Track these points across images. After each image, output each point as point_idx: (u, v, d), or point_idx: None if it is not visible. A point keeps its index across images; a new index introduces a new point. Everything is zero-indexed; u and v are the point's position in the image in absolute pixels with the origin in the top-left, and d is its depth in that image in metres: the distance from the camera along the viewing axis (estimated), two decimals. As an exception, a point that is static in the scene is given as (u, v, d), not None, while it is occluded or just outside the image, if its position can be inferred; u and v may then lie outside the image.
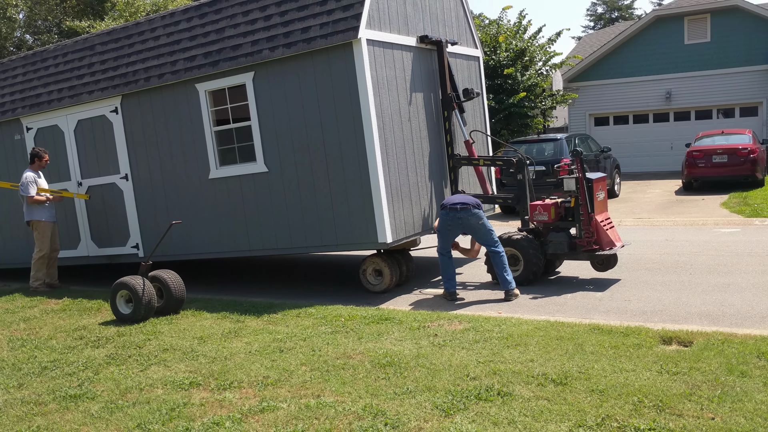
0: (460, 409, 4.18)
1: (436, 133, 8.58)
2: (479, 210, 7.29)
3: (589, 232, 7.54)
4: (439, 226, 7.41)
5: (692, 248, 9.38)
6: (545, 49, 20.29)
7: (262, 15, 7.91)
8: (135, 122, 8.99)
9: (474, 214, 7.23)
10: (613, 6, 56.22)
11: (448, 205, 7.29)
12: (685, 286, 7.28)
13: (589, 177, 7.59)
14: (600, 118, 23.54)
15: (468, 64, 9.63)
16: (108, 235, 9.56)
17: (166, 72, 8.54)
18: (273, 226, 8.11)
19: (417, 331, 5.97)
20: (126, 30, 9.27)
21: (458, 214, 7.23)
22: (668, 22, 21.94)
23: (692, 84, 21.72)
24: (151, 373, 5.32)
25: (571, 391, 4.33)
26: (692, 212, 13.23)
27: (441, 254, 7.43)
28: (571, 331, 5.64)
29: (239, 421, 4.24)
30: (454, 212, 7.24)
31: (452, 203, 7.29)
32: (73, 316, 7.58)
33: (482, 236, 7.36)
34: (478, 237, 7.42)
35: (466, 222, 7.26)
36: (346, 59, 7.30)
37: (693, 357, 4.82)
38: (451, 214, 7.26)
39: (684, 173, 16.81)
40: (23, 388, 5.23)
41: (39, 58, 10.24)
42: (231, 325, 6.66)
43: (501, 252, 7.34)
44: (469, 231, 7.38)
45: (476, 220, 7.25)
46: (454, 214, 7.24)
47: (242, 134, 8.21)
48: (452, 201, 7.33)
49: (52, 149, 9.76)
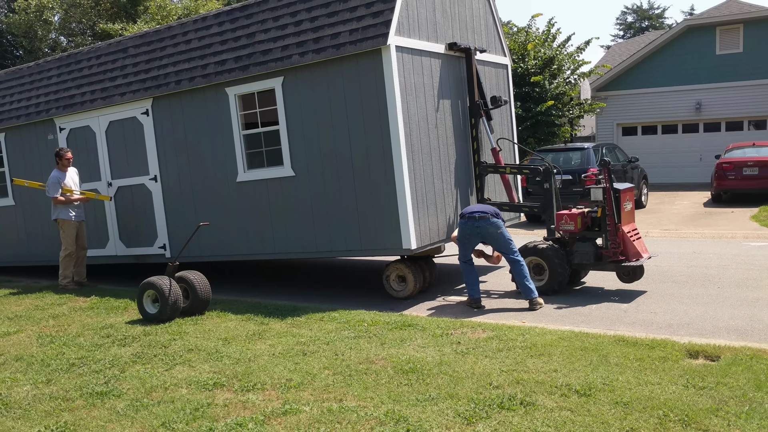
0: (483, 418, 4.16)
1: (463, 141, 8.58)
2: (498, 219, 7.28)
3: (615, 242, 7.48)
4: (459, 235, 7.42)
5: (721, 261, 9.24)
6: (574, 58, 20.16)
7: (292, 20, 7.99)
8: (165, 124, 9.13)
9: (492, 223, 7.22)
10: (643, 15, 55.74)
11: (467, 214, 7.30)
12: (713, 299, 7.17)
13: (617, 187, 7.52)
14: (628, 128, 23.32)
15: (496, 72, 9.62)
16: (136, 235, 9.70)
17: (197, 75, 8.66)
18: (298, 230, 8.16)
19: (440, 338, 5.96)
20: (158, 33, 9.42)
21: (476, 223, 7.22)
22: (700, 32, 21.68)
23: (723, 95, 21.42)
24: (176, 373, 5.38)
25: (594, 403, 4.30)
26: (721, 225, 13.03)
27: (462, 262, 7.44)
28: (596, 342, 5.59)
29: (262, 423, 4.27)
30: (472, 221, 7.24)
31: (470, 212, 7.29)
32: (100, 315, 7.69)
33: (501, 245, 7.34)
34: (497, 246, 7.40)
35: (484, 231, 7.25)
36: (375, 65, 7.33)
37: (720, 372, 4.75)
38: (469, 223, 7.26)
39: (713, 185, 16.57)
40: (51, 383, 5.33)
41: (73, 59, 10.43)
42: (255, 327, 6.71)
43: (521, 261, 7.33)
44: (488, 240, 7.36)
45: (494, 229, 7.24)
46: (472, 223, 7.24)
47: (270, 138, 8.28)
48: (470, 210, 7.34)
49: (84, 150, 9.95)
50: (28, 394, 5.10)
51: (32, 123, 10.61)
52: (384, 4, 7.31)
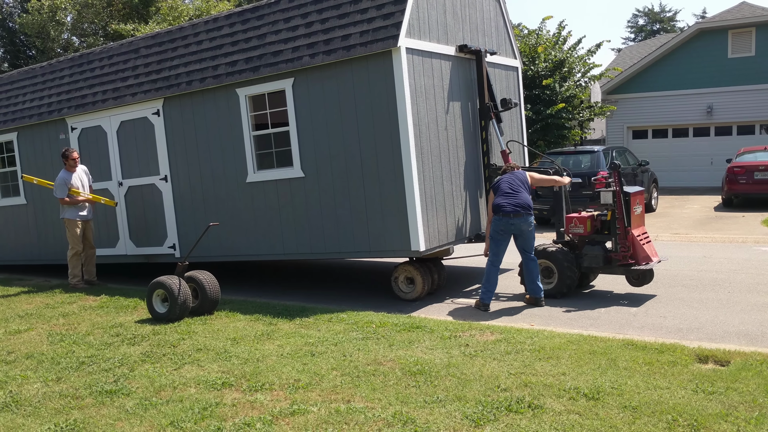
0: (490, 420, 4.16)
1: (473, 143, 8.57)
2: (531, 215, 7.24)
3: (625, 246, 7.45)
4: (492, 231, 7.28)
5: (731, 266, 9.19)
6: (584, 61, 20.10)
7: (303, 22, 8.01)
8: (176, 125, 9.17)
9: (528, 220, 7.19)
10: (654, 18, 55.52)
11: (502, 210, 7.14)
12: (723, 304, 7.14)
13: (627, 191, 7.50)
14: (638, 131, 23.23)
15: (506, 74, 9.61)
16: (146, 235, 9.75)
17: (208, 76, 8.70)
18: (307, 231, 8.18)
19: (448, 340, 5.96)
20: (170, 34, 9.46)
21: (511, 220, 7.13)
22: (711, 35, 21.58)
23: (735, 98, 21.30)
24: (185, 372, 5.41)
25: (603, 407, 4.29)
26: (732, 229, 12.96)
27: (491, 262, 7.30)
28: (605, 345, 5.57)
29: (270, 423, 4.28)
30: (507, 218, 7.13)
31: (507, 209, 7.12)
32: (110, 313, 7.74)
33: (528, 242, 7.32)
34: (524, 243, 7.33)
35: (518, 228, 7.19)
36: (385, 67, 7.34)
37: (730, 377, 4.73)
38: (504, 220, 7.14)
39: (724, 189, 16.48)
40: (61, 381, 5.36)
41: (85, 60, 10.50)
42: (264, 327, 6.73)
43: (536, 260, 7.43)
44: (518, 236, 7.29)
45: (527, 226, 7.21)
46: (507, 221, 7.14)
47: (280, 139, 8.31)
48: (506, 205, 7.15)
49: (95, 149, 10.01)
50: (38, 391, 5.13)
51: (44, 122, 10.69)
52: (395, 6, 7.32)
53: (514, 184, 7.33)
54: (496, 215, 7.22)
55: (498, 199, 7.28)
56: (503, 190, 7.30)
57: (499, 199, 7.27)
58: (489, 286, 7.31)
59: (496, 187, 7.39)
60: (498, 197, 7.29)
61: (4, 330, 7.18)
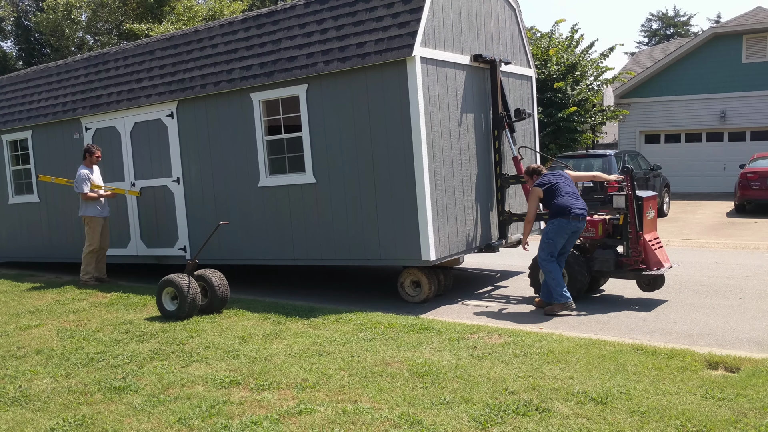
0: (497, 423, 4.15)
1: (485, 152, 8.53)
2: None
3: (636, 250, 7.41)
4: (553, 233, 7.14)
5: (743, 272, 9.12)
6: (597, 64, 20.05)
7: (318, 28, 8.00)
8: (189, 127, 9.21)
9: (584, 223, 7.23)
10: (668, 22, 55.24)
11: (574, 213, 7.07)
12: (734, 310, 7.08)
13: (640, 195, 7.46)
14: (651, 136, 23.12)
15: (520, 84, 9.55)
16: (157, 236, 9.80)
17: (222, 80, 8.72)
18: (318, 237, 8.18)
19: (456, 342, 5.95)
20: (185, 36, 9.51)
21: (578, 223, 7.12)
22: (726, 40, 21.45)
23: (749, 104, 21.16)
24: (193, 370, 5.43)
25: (611, 411, 4.27)
26: (744, 235, 12.86)
27: (549, 261, 7.17)
28: (614, 350, 5.55)
29: (277, 422, 4.29)
30: (576, 221, 7.09)
31: (577, 212, 7.08)
32: (120, 310, 7.78)
33: (571, 245, 7.36)
34: (570, 244, 7.33)
35: (578, 230, 7.21)
36: (400, 76, 7.33)
37: (740, 383, 4.69)
38: (572, 222, 7.09)
39: (737, 195, 16.36)
40: (70, 377, 5.40)
41: (101, 60, 10.57)
42: (272, 326, 6.75)
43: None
44: (570, 238, 7.26)
45: (583, 227, 7.25)
46: (575, 223, 7.10)
47: (293, 145, 8.32)
48: (576, 208, 7.10)
49: (109, 150, 10.07)
50: (48, 386, 5.17)
51: (59, 122, 10.77)
52: (410, 15, 7.30)
53: (571, 185, 7.31)
54: (561, 217, 7.07)
55: (564, 199, 7.13)
56: (565, 191, 7.18)
57: (566, 199, 7.13)
58: (561, 281, 7.13)
59: (554, 188, 7.20)
60: (562, 198, 7.13)
61: (15, 325, 7.24)
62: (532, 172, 7.61)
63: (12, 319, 7.59)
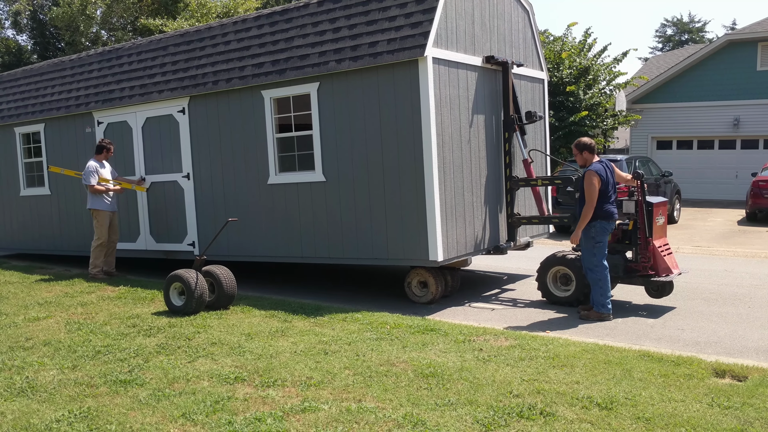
0: (501, 426, 4.14)
1: (495, 154, 8.51)
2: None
3: (645, 256, 7.38)
4: (600, 234, 7.00)
5: (753, 281, 9.06)
6: (610, 69, 19.95)
7: (331, 27, 8.01)
8: (200, 123, 9.24)
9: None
10: (683, 28, 54.98)
11: (615, 218, 7.06)
12: (743, 318, 7.03)
13: (650, 201, 7.42)
14: (663, 142, 23.00)
15: (532, 87, 9.52)
16: (166, 231, 9.83)
17: (234, 77, 8.75)
18: (326, 236, 8.19)
19: (462, 344, 5.94)
20: (198, 33, 9.54)
21: (614, 226, 7.14)
22: (741, 47, 21.30)
23: (762, 111, 20.99)
24: (199, 365, 5.45)
25: (616, 417, 4.25)
26: (755, 244, 12.77)
27: (604, 267, 7.01)
28: (620, 356, 5.52)
29: (281, 419, 4.30)
30: (612, 224, 7.07)
31: (616, 217, 7.06)
32: (127, 305, 7.82)
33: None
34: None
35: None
36: (411, 76, 7.32)
37: (747, 392, 4.66)
38: (611, 225, 7.06)
39: (748, 203, 16.24)
40: (77, 369, 5.43)
41: (114, 55, 10.63)
42: (278, 324, 6.76)
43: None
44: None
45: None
46: (612, 226, 7.08)
47: (303, 143, 8.33)
48: (616, 214, 7.08)
49: (120, 144, 10.12)
50: (54, 378, 5.20)
51: (71, 115, 10.84)
52: (423, 15, 7.30)
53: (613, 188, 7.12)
54: (605, 221, 6.99)
55: (610, 207, 7.00)
56: (611, 198, 7.06)
57: (611, 207, 7.02)
58: (609, 292, 7.06)
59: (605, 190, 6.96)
60: (609, 205, 6.99)
61: (24, 317, 7.29)
62: (583, 147, 7.13)
63: (21, 311, 7.64)
